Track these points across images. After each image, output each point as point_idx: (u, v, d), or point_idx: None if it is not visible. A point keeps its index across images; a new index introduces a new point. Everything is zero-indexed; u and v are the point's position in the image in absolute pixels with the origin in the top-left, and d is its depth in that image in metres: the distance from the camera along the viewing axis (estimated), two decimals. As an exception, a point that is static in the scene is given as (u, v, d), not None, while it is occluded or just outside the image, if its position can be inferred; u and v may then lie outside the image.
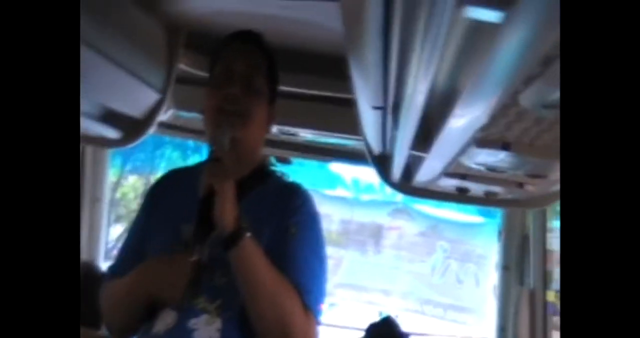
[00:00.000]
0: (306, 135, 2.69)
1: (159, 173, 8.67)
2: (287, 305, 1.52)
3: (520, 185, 1.62)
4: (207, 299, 1.56)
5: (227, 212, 1.47)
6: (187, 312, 1.55)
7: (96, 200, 3.07)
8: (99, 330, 2.63)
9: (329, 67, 2.14)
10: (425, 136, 1.28)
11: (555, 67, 0.66)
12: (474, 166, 1.38)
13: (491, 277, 8.23)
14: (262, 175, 1.75)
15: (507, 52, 0.62)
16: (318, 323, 1.59)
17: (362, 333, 2.67)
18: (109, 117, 2.08)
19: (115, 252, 3.21)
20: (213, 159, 1.52)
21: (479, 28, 0.64)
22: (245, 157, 1.68)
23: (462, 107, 0.86)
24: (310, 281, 1.59)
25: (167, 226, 1.64)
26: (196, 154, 8.60)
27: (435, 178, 1.84)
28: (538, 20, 0.58)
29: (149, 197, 1.81)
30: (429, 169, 1.68)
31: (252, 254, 1.50)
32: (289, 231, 1.62)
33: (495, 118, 0.88)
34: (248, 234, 1.49)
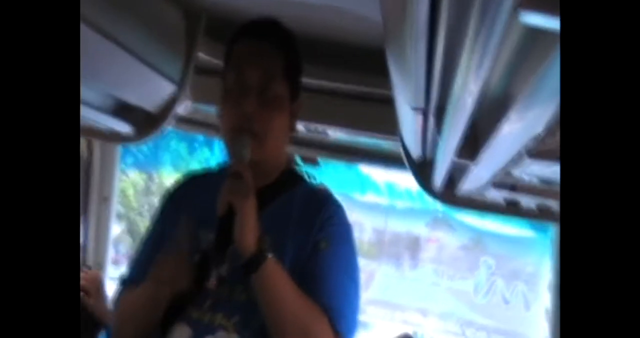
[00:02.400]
0: (336, 134, 2.68)
1: (162, 169, 8.70)
2: (316, 333, 1.52)
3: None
4: (225, 315, 1.58)
5: (247, 234, 1.49)
6: (202, 327, 1.57)
7: (104, 199, 3.11)
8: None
9: (365, 60, 2.13)
10: (472, 142, 1.28)
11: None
12: (525, 177, 1.37)
13: (543, 298, 8.14)
14: (289, 181, 1.75)
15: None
16: None
17: None
18: (121, 110, 2.09)
19: (114, 255, 3.24)
20: (232, 175, 1.53)
21: (538, 31, 0.64)
22: (267, 170, 1.69)
23: (516, 114, 0.85)
24: (342, 304, 1.58)
25: None
26: (205, 148, 8.60)
27: (481, 189, 1.83)
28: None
29: (166, 201, 1.83)
30: (475, 178, 1.67)
31: (275, 279, 1.51)
32: (318, 246, 1.62)
33: (551, 128, 0.87)
34: (270, 256, 1.49)
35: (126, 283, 1.73)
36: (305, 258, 1.60)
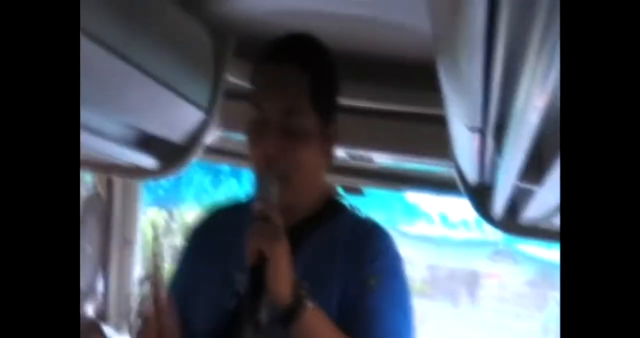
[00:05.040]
0: (382, 159, 2.68)
1: (185, 205, 8.69)
2: None
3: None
4: None
5: (281, 282, 1.50)
6: None
7: (127, 243, 3.12)
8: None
9: (413, 77, 2.14)
10: (537, 164, 1.27)
11: None
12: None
13: None
14: (330, 211, 1.75)
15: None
16: None
17: None
18: (144, 142, 2.11)
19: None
20: (258, 218, 1.54)
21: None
22: (300, 206, 1.69)
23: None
24: None
25: (218, 275, 1.67)
26: (231, 179, 8.57)
27: (549, 215, 1.81)
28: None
29: (193, 240, 1.84)
30: (542, 204, 1.65)
31: (317, 328, 1.52)
32: (367, 283, 1.62)
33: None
34: (309, 304, 1.50)
35: None
36: (354, 296, 1.60)
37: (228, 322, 1.64)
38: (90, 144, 1.92)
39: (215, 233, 1.81)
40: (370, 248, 1.67)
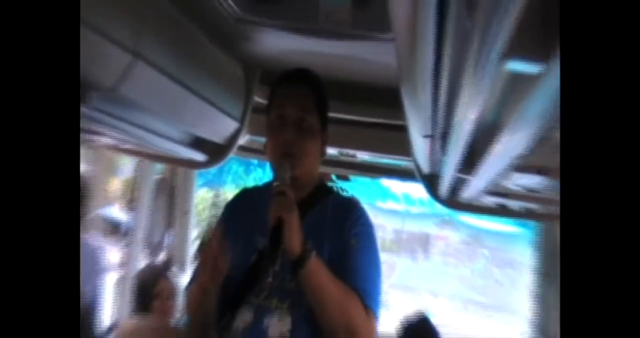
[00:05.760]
0: (363, 156, 2.68)
1: (226, 186, 8.75)
2: (352, 310, 1.54)
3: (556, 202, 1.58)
4: (279, 300, 1.58)
5: (294, 239, 1.49)
6: (262, 311, 1.57)
7: (185, 212, 3.13)
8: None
9: (384, 98, 2.13)
10: (470, 161, 1.27)
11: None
12: (512, 186, 1.35)
13: (527, 280, 8.03)
14: (322, 192, 1.76)
15: (546, 95, 0.61)
16: (378, 320, 1.60)
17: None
18: (196, 143, 2.11)
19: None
20: (278, 193, 1.54)
21: (521, 74, 0.63)
22: (304, 184, 1.69)
23: (505, 138, 0.84)
24: (370, 286, 1.59)
25: (243, 237, 1.67)
26: (258, 169, 8.63)
27: (478, 196, 1.81)
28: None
29: (227, 211, 1.84)
30: (473, 188, 1.66)
31: (318, 272, 1.52)
32: (349, 243, 1.62)
33: (534, 148, 0.86)
34: (313, 255, 1.50)
35: (192, 279, 1.75)
36: (340, 253, 1.60)
37: (250, 271, 1.64)
38: (160, 145, 1.93)
39: (242, 208, 1.80)
40: (351, 218, 1.66)
